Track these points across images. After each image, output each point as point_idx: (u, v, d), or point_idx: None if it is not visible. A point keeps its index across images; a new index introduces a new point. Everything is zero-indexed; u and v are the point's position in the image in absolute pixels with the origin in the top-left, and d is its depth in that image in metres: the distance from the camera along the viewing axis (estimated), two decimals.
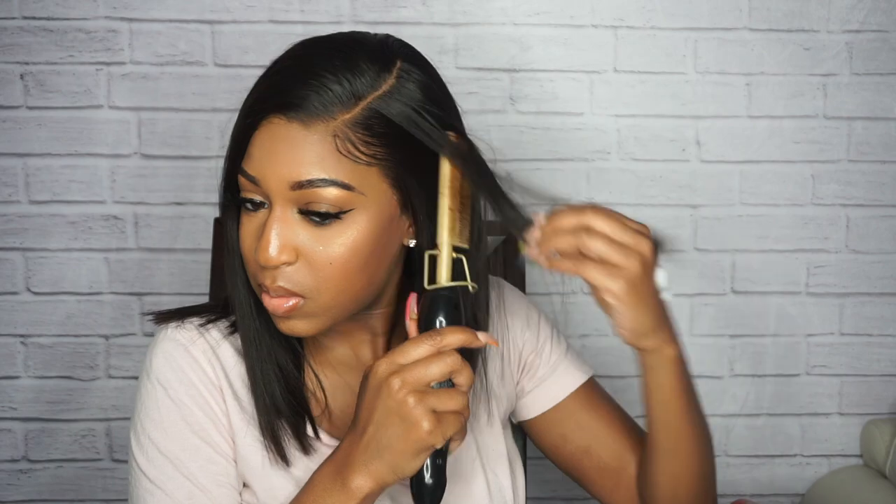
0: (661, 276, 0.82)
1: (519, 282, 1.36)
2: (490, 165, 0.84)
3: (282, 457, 0.89)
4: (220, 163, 1.72)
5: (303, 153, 0.80)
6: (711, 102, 1.67)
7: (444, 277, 0.82)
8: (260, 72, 1.74)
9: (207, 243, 1.54)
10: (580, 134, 1.66)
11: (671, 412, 0.91)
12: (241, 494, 0.91)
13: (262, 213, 0.83)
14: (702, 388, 1.79)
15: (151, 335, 1.64)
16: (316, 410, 0.92)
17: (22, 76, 1.60)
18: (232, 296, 0.90)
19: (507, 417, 1.03)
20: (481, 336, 0.80)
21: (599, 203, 0.81)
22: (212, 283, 1.33)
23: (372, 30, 0.89)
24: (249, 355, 0.90)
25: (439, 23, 1.62)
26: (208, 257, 1.38)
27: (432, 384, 0.77)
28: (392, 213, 0.84)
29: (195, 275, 1.63)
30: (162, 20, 1.60)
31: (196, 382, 0.89)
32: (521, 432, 1.11)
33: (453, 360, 0.77)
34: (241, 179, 0.83)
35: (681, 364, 0.88)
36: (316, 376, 0.94)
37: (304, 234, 0.81)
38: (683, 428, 0.92)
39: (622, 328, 0.81)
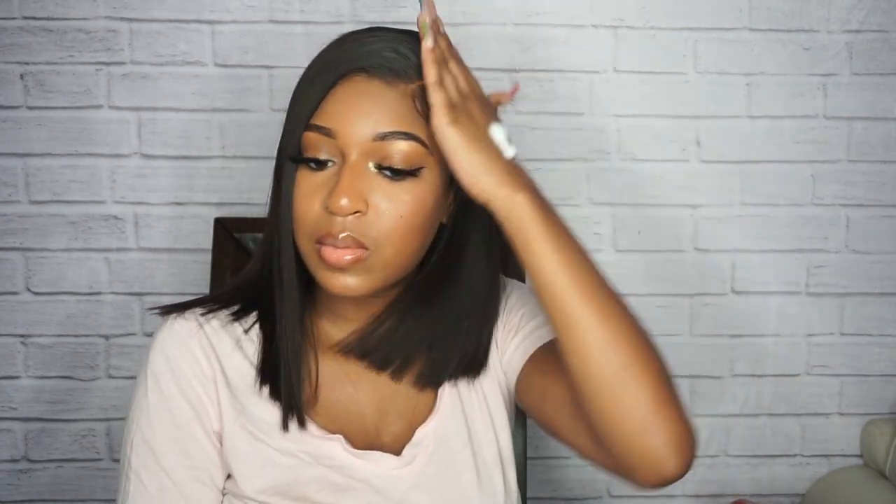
0: (496, 131, 0.84)
1: (518, 279, 1.35)
2: None
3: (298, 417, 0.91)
4: (220, 163, 1.73)
5: (386, 107, 0.84)
6: (711, 102, 1.67)
7: None
8: (260, 72, 1.75)
9: (207, 243, 1.53)
10: (580, 134, 1.66)
11: (538, 262, 0.80)
12: (224, 486, 0.92)
13: (327, 170, 0.86)
14: (702, 388, 1.81)
15: (152, 335, 1.65)
16: (305, 394, 0.93)
17: (22, 76, 1.60)
18: (281, 260, 0.91)
19: (504, 413, 1.02)
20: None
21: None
22: (212, 283, 1.33)
23: None
24: (285, 317, 0.91)
25: None
26: (208, 257, 1.38)
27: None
28: (446, 183, 0.89)
29: (195, 275, 1.63)
30: (162, 20, 1.61)
31: (189, 374, 0.91)
32: (521, 433, 1.11)
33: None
34: (310, 136, 0.86)
35: (537, 207, 0.81)
36: (317, 363, 0.95)
37: (377, 188, 0.85)
38: (559, 281, 0.80)
39: (458, 169, 0.81)
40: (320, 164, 0.86)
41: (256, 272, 0.95)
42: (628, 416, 0.79)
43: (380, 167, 0.85)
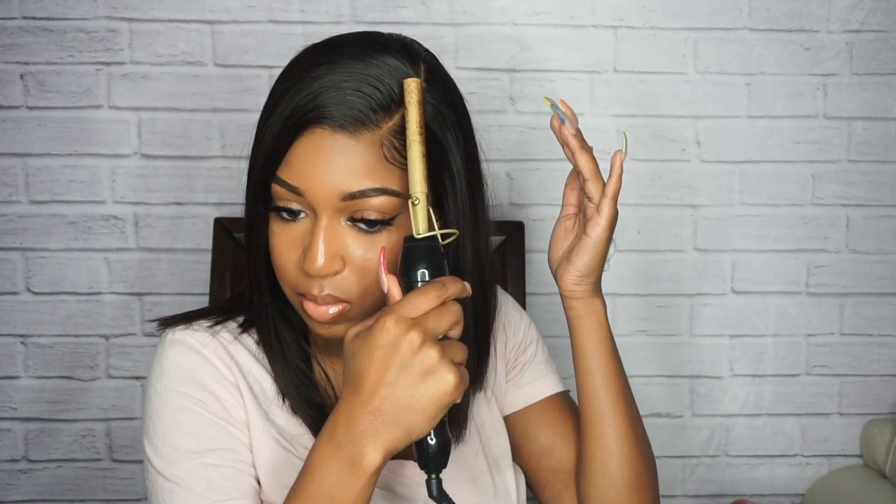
0: (612, 246, 0.91)
1: (519, 282, 1.36)
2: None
3: None
4: (220, 163, 1.72)
5: (353, 164, 0.79)
6: (711, 102, 1.67)
7: (422, 227, 0.79)
8: (260, 72, 1.75)
9: (207, 243, 1.54)
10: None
11: (597, 361, 0.92)
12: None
13: (301, 222, 0.83)
14: (702, 388, 1.81)
15: (152, 335, 1.65)
16: (327, 407, 0.93)
17: (22, 76, 1.60)
18: (257, 302, 0.90)
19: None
20: (467, 284, 0.79)
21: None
22: (212, 283, 1.33)
23: (372, 30, 0.90)
24: (276, 361, 0.91)
25: (439, 23, 1.62)
26: (208, 257, 1.38)
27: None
28: None
29: (195, 275, 1.63)
30: (162, 20, 1.61)
31: (209, 380, 0.89)
32: None
33: (458, 310, 0.76)
34: (278, 189, 0.82)
35: (606, 319, 0.92)
36: (325, 374, 0.94)
37: (352, 242, 0.82)
38: (609, 385, 0.92)
39: (578, 267, 0.89)
40: (293, 214, 0.83)
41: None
42: None
43: (353, 220, 0.81)
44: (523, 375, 1.03)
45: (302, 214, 0.83)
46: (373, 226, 0.81)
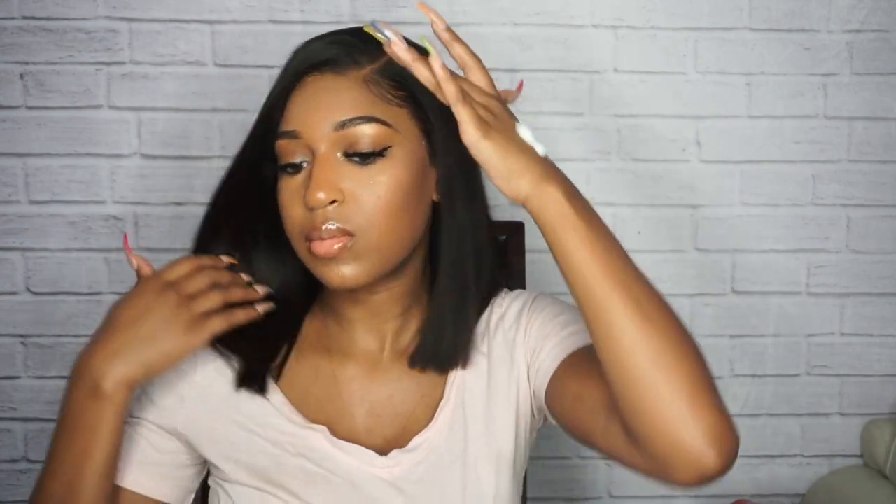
0: (524, 130, 0.85)
1: (519, 283, 1.36)
2: None
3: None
4: (220, 163, 1.72)
5: (341, 96, 0.88)
6: (711, 102, 1.67)
7: None
8: (260, 72, 1.76)
9: None
10: (580, 134, 1.66)
11: (569, 252, 0.78)
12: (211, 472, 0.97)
13: (303, 172, 0.89)
14: None
15: None
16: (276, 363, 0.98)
17: (22, 76, 1.60)
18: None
19: (520, 420, 0.98)
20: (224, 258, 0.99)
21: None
22: None
23: None
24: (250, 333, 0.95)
25: None
26: None
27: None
28: (424, 159, 0.91)
29: None
30: (162, 20, 1.61)
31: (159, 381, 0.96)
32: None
33: (211, 275, 0.94)
34: (281, 144, 0.90)
35: (569, 201, 0.79)
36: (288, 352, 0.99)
37: (349, 174, 0.87)
38: (596, 270, 0.77)
39: (495, 177, 0.79)
40: (296, 168, 0.89)
41: None
42: (664, 406, 0.75)
43: (347, 154, 0.87)
44: (546, 348, 0.95)
45: (304, 164, 0.89)
46: (366, 158, 0.87)
